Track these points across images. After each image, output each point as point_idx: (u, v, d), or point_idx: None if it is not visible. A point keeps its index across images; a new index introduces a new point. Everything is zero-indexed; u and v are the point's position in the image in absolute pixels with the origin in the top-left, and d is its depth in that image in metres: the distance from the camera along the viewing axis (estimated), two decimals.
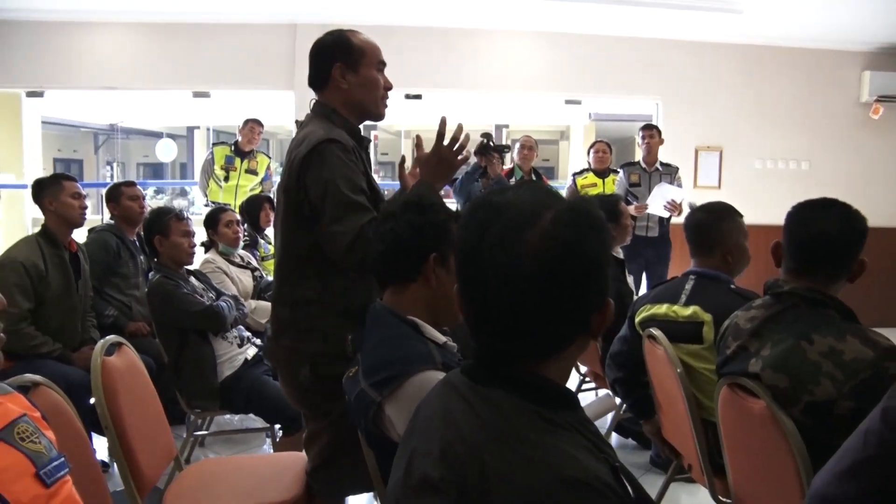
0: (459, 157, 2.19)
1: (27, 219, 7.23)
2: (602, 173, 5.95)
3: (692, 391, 2.49)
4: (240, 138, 6.34)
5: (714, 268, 2.70)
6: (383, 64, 2.29)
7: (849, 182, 7.15)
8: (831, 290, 1.98)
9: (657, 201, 5.40)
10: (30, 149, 7.25)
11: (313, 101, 2.30)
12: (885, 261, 6.94)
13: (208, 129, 12.86)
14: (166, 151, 10.71)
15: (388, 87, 2.30)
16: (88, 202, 3.75)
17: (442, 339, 1.70)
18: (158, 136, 13.19)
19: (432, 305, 1.72)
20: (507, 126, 13.84)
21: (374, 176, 2.27)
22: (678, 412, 2.58)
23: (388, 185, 16.03)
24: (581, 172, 6.07)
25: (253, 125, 6.29)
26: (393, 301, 1.75)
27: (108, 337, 2.43)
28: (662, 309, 2.71)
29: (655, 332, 2.62)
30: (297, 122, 2.36)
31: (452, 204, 5.89)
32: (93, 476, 2.04)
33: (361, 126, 2.33)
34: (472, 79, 6.77)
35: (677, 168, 5.79)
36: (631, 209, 5.44)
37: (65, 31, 6.35)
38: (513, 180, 5.59)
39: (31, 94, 6.76)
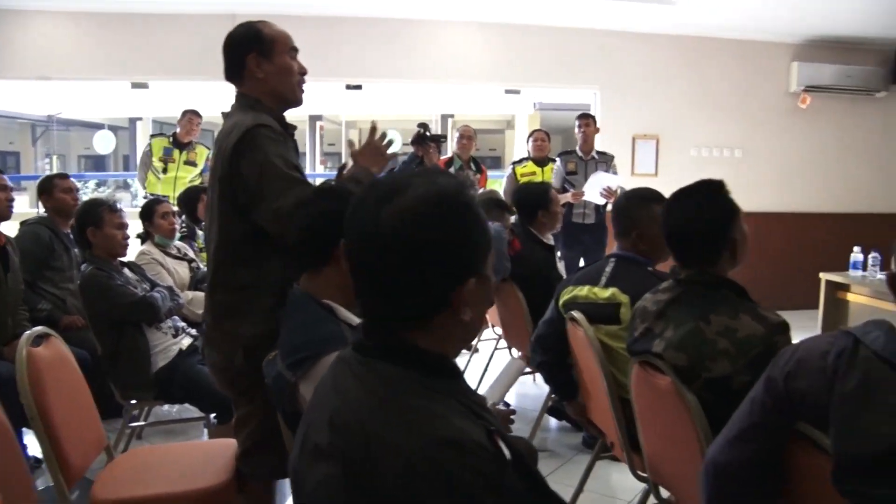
0: (389, 151, 2.34)
1: None
2: (541, 162, 6.06)
3: (611, 370, 2.59)
4: (178, 130, 6.29)
5: (634, 251, 2.80)
6: (295, 50, 2.35)
7: (780, 169, 7.42)
8: (719, 271, 2.09)
9: (593, 189, 5.53)
10: None
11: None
12: (810, 244, 7.23)
13: (152, 121, 12.66)
14: (104, 143, 10.52)
15: (303, 73, 2.37)
16: (27, 195, 3.71)
17: (356, 320, 1.76)
18: (100, 127, 12.92)
19: (345, 289, 1.78)
20: (452, 116, 13.91)
21: (321, 166, 2.36)
22: (599, 391, 2.68)
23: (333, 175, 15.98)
24: (520, 161, 6.16)
25: (191, 116, 6.25)
26: (309, 285, 1.81)
27: (34, 328, 2.44)
28: (584, 291, 2.81)
29: (576, 314, 2.72)
30: (223, 113, 2.38)
31: None
32: (17, 472, 2.05)
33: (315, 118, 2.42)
34: (413, 69, 6.80)
35: (613, 156, 5.93)
36: (568, 196, 5.57)
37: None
38: (451, 170, 5.66)
39: None
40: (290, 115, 2.39)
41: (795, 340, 1.59)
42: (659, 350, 2.09)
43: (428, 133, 5.08)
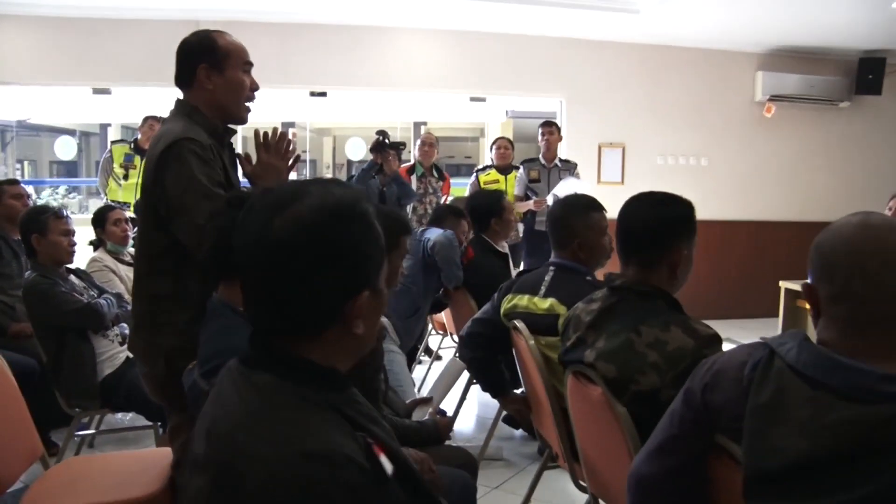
0: (286, 160, 2.29)
1: None
2: (504, 170, 6.07)
3: (552, 382, 2.58)
4: (139, 136, 6.22)
5: (573, 259, 2.80)
6: (249, 65, 2.32)
7: (744, 177, 7.49)
8: (654, 280, 2.08)
9: (562, 193, 5.53)
10: None
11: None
12: (771, 253, 7.29)
13: (121, 127, 12.52)
14: (66, 149, 10.42)
15: (255, 89, 2.33)
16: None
17: None
18: (71, 133, 12.78)
19: None
20: (424, 123, 13.86)
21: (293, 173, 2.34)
22: (542, 402, 2.68)
23: None
24: (484, 169, 6.18)
25: (152, 122, 6.17)
26: (226, 294, 1.79)
27: None
28: (524, 300, 2.81)
29: (519, 324, 2.71)
30: (160, 119, 2.36)
31: None
32: None
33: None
34: (376, 76, 6.79)
35: (576, 164, 5.95)
36: (530, 204, 5.58)
37: None
38: (413, 177, 5.66)
39: None
40: (264, 122, 2.37)
41: None
42: (590, 360, 2.08)
43: (387, 140, 5.08)
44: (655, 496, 1.55)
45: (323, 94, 6.92)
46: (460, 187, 7.36)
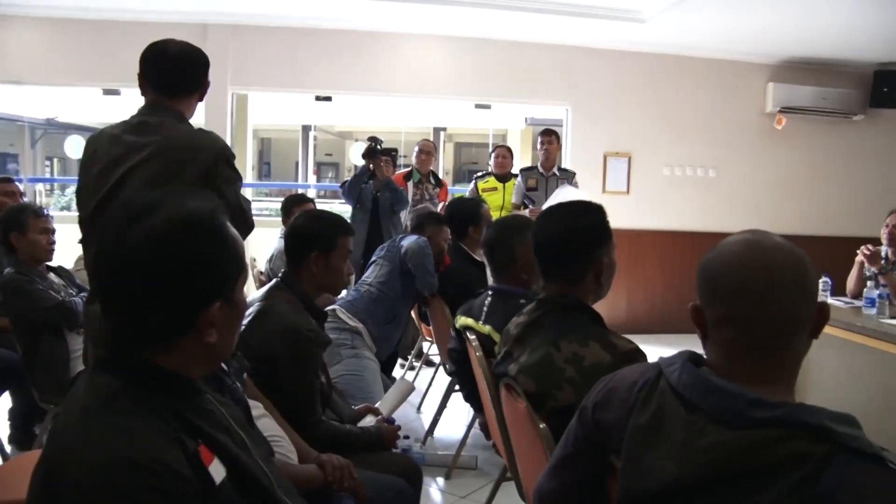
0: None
1: None
2: (503, 177, 6.07)
3: (497, 395, 2.57)
4: None
5: (514, 283, 2.79)
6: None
7: (754, 190, 7.38)
8: (580, 292, 2.07)
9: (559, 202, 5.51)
10: None
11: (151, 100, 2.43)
12: None
13: None
14: (75, 148, 10.65)
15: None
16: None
17: None
18: (92, 131, 13.05)
19: None
20: (444, 129, 13.94)
21: (313, 176, 2.60)
22: (490, 415, 2.68)
23: (329, 186, 16.06)
24: (483, 176, 6.18)
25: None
26: None
27: None
28: (471, 322, 2.82)
29: (471, 336, 2.72)
30: (144, 120, 2.41)
31: (344, 206, 5.97)
32: None
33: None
34: (382, 82, 6.82)
35: (574, 173, 5.92)
36: (526, 212, 5.56)
37: None
38: (410, 183, 5.68)
39: None
40: (282, 124, 2.71)
41: None
42: (513, 373, 2.08)
43: (379, 147, 5.10)
44: None
45: (328, 99, 6.97)
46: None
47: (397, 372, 5.38)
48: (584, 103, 7.08)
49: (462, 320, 2.89)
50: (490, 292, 2.83)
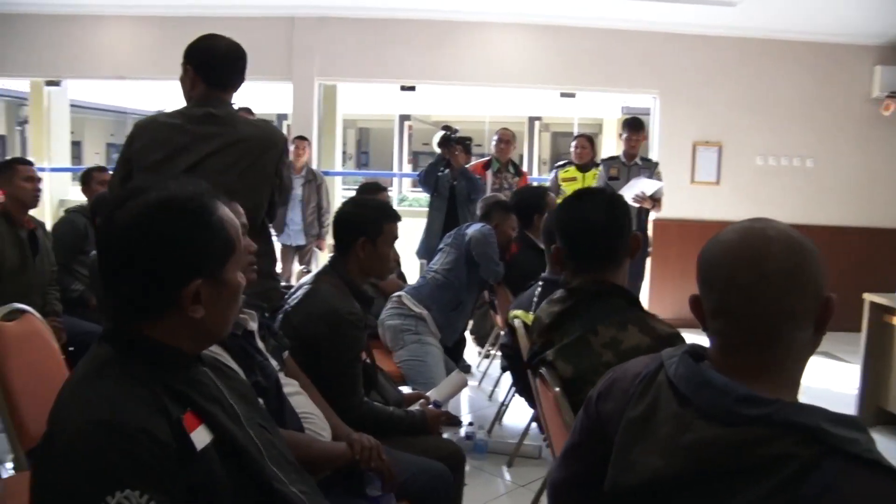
0: None
1: (53, 200, 7.69)
2: (584, 167, 5.98)
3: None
4: None
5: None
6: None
7: (856, 180, 6.99)
8: (618, 276, 2.03)
9: (627, 192, 5.40)
10: (56, 134, 7.67)
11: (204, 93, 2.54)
12: (880, 263, 6.72)
13: None
14: None
15: None
16: None
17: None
18: None
19: None
20: (539, 119, 13.88)
21: (408, 165, 2.80)
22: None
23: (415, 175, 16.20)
24: (563, 165, 6.12)
25: (242, 113, 6.52)
26: None
27: (9, 304, 2.66)
28: (521, 314, 2.80)
29: (517, 322, 2.71)
30: (210, 112, 2.52)
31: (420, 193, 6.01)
32: None
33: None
34: (466, 71, 6.85)
35: (657, 163, 5.77)
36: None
37: (79, 23, 6.73)
38: (489, 172, 5.68)
39: (49, 83, 7.18)
40: (380, 113, 2.92)
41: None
42: (550, 358, 2.06)
43: (453, 135, 5.13)
44: (563, 502, 1.53)
45: (412, 89, 7.04)
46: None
47: (474, 360, 5.43)
48: (673, 91, 6.88)
49: (513, 312, 2.88)
50: (540, 282, 2.81)
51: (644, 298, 6.50)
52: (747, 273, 1.11)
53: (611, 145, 12.59)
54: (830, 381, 5.32)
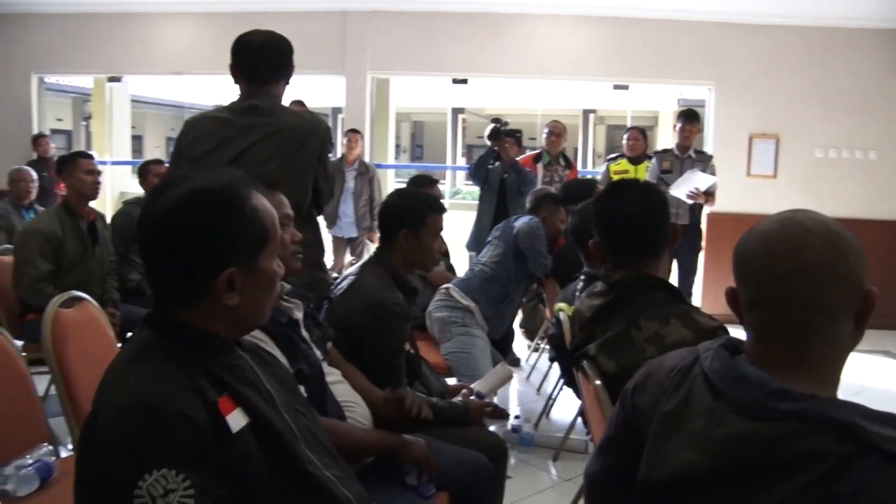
0: None
1: (114, 193, 7.92)
2: (635, 160, 5.90)
3: None
4: None
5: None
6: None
7: None
8: (658, 268, 2.00)
9: (682, 186, 5.31)
10: (117, 128, 7.90)
11: (246, 87, 2.60)
12: None
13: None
14: None
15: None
16: None
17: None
18: None
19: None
20: (594, 111, 13.74)
21: (462, 159, 2.84)
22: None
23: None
24: (615, 158, 6.05)
25: (294, 106, 6.60)
26: None
27: (68, 292, 2.76)
28: (566, 307, 2.79)
29: (562, 315, 2.69)
30: (254, 104, 2.59)
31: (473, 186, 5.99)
32: (29, 407, 2.39)
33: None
34: (518, 64, 6.82)
35: (711, 156, 5.65)
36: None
37: (138, 20, 6.92)
38: (539, 165, 5.65)
39: (111, 80, 7.39)
40: (435, 107, 2.99)
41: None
42: (592, 353, 2.05)
43: (503, 128, 5.11)
44: (599, 495, 1.52)
45: (464, 82, 7.03)
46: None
47: (523, 353, 5.42)
48: (729, 82, 6.74)
49: (558, 305, 2.87)
50: (583, 276, 2.80)
51: (697, 293, 6.39)
52: (784, 264, 1.08)
53: (666, 138, 12.37)
54: (892, 380, 5.15)
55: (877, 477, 0.95)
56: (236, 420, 1.18)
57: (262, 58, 2.57)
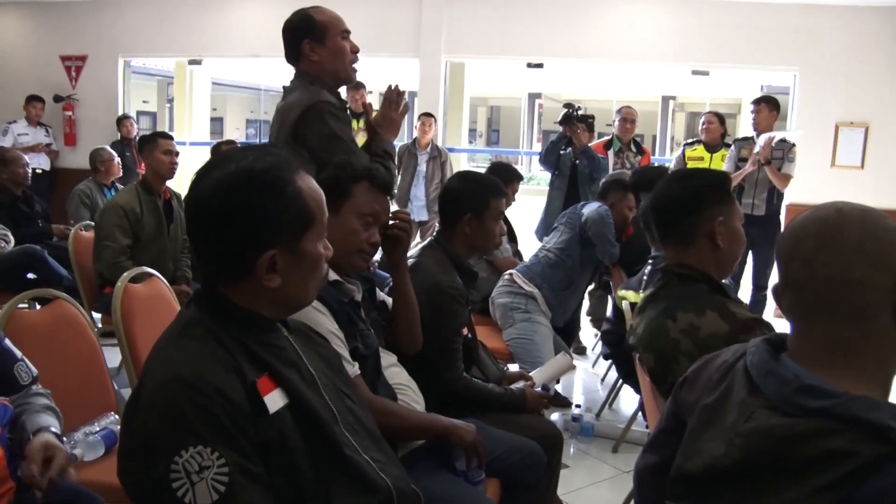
0: (401, 115, 2.60)
1: (192, 173, 8.15)
2: (712, 147, 5.72)
3: None
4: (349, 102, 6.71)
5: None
6: (347, 32, 2.55)
7: None
8: (697, 259, 1.93)
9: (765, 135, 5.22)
10: (197, 110, 8.11)
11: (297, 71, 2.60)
12: None
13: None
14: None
15: (355, 51, 2.57)
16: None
17: (333, 277, 1.91)
18: None
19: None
20: (674, 98, 13.39)
21: (538, 144, 2.69)
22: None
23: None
24: (691, 144, 5.90)
25: (353, 92, 6.64)
26: None
27: (137, 268, 2.86)
28: (630, 295, 2.73)
29: (624, 304, 2.64)
30: (284, 87, 2.63)
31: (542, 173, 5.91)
32: (99, 377, 2.45)
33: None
34: (594, 48, 6.71)
35: (793, 144, 5.41)
36: (743, 172, 5.23)
37: (217, 4, 7.08)
38: (610, 151, 5.54)
39: (192, 62, 7.59)
40: (511, 92, 2.86)
41: None
42: (634, 345, 2.02)
43: (575, 113, 5.02)
44: (647, 490, 1.48)
45: (539, 66, 6.94)
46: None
47: (590, 342, 5.36)
48: (815, 67, 6.45)
49: (621, 293, 2.81)
50: (650, 262, 2.73)
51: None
52: (812, 242, 1.06)
53: (748, 127, 11.98)
54: None
55: None
56: (274, 400, 1.19)
57: (284, 39, 2.56)
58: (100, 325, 3.81)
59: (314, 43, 2.48)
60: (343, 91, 2.68)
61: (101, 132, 7.41)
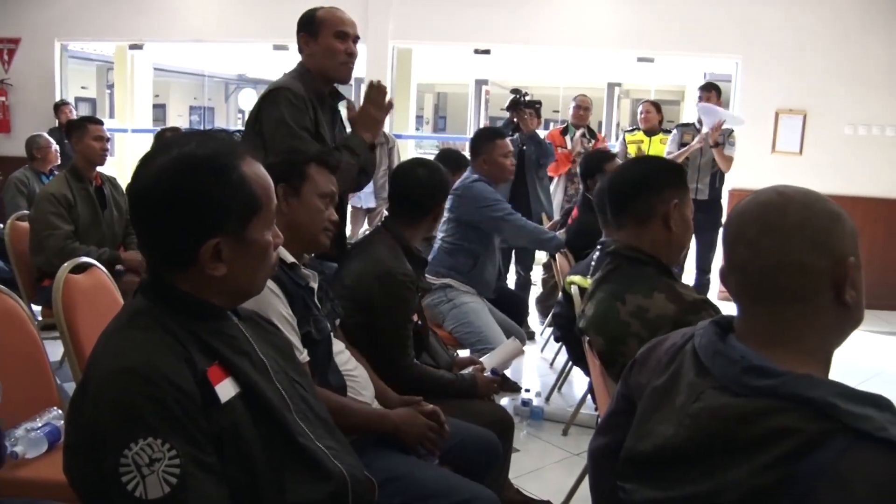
0: (383, 111, 2.67)
1: (134, 160, 7.95)
2: (649, 132, 5.91)
3: None
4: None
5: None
6: (345, 34, 2.60)
7: None
8: (648, 242, 1.96)
9: (710, 116, 5.36)
10: (139, 96, 7.91)
11: None
12: None
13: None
14: (248, 101, 11.41)
15: (350, 53, 2.61)
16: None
17: (290, 259, 1.90)
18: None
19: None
20: (619, 85, 13.50)
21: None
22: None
23: None
24: (632, 130, 6.09)
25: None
26: None
27: (78, 258, 2.78)
28: (578, 279, 2.75)
29: (573, 288, 2.67)
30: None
31: None
32: (40, 371, 2.37)
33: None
34: (542, 34, 6.72)
35: (731, 131, 5.54)
36: (689, 148, 5.34)
37: None
38: (568, 138, 5.59)
39: (132, 47, 7.39)
40: (458, 79, 2.91)
41: None
42: (583, 328, 2.04)
43: (523, 99, 5.03)
44: (600, 471, 1.50)
45: (486, 52, 6.95)
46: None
47: (538, 326, 5.39)
48: (757, 55, 6.56)
49: (570, 278, 2.84)
50: (599, 246, 2.75)
51: (716, 271, 6.30)
52: (755, 226, 1.09)
53: (692, 113, 12.20)
54: None
55: (842, 457, 0.93)
56: (226, 389, 1.17)
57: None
58: (40, 319, 3.69)
59: (308, 37, 2.59)
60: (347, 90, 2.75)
61: (37, 119, 7.16)
